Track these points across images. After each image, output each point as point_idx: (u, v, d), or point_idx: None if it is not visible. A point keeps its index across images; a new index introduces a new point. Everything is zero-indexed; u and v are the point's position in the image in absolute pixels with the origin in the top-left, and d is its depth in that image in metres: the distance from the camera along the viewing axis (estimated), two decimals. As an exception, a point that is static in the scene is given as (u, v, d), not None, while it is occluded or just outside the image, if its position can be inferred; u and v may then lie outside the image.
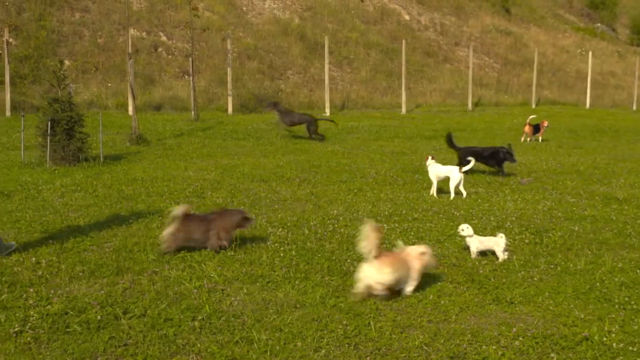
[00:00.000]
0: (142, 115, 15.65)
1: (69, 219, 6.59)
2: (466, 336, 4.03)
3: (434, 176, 8.22)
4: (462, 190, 8.15)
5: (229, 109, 18.48)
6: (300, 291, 4.73)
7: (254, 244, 5.79)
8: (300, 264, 5.31)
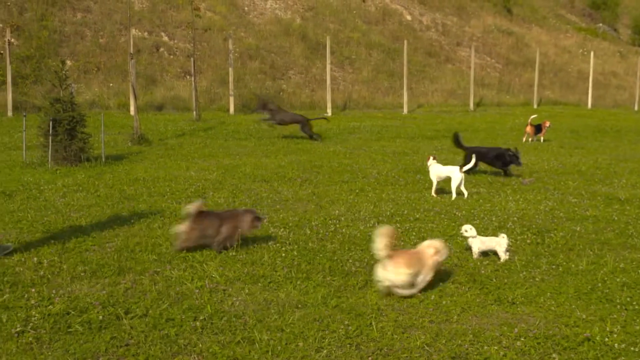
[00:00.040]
0: (143, 115, 15.66)
1: (71, 219, 6.60)
2: (468, 336, 4.03)
3: (435, 176, 8.22)
4: (463, 190, 8.15)
5: (231, 109, 18.49)
6: (302, 291, 4.73)
7: (255, 244, 5.79)
8: (301, 264, 5.31)
